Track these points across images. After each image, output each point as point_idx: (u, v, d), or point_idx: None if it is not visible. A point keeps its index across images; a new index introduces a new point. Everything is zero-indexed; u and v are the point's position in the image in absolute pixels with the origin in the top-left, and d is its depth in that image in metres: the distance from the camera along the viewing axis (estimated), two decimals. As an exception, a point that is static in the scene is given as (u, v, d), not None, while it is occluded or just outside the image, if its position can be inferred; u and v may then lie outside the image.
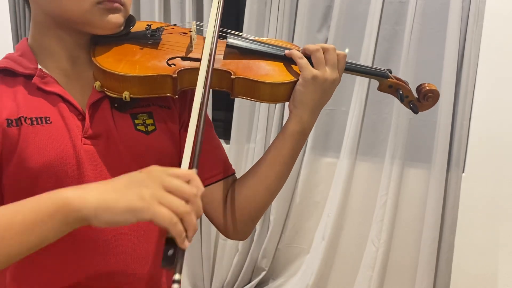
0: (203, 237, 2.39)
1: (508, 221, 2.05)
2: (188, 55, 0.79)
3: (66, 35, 0.75)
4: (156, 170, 0.58)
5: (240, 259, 2.38)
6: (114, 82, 0.73)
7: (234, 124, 2.31)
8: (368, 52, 2.09)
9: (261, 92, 0.78)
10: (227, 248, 2.40)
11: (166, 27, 0.85)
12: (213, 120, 2.36)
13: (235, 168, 0.91)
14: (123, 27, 0.78)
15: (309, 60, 0.80)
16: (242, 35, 0.84)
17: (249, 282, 2.41)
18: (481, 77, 2.02)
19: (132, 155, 0.77)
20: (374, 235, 2.17)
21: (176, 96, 0.76)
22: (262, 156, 0.86)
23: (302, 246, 2.36)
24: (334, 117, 2.24)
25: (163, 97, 0.76)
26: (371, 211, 2.20)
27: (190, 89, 0.78)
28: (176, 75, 0.74)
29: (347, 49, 2.22)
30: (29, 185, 0.70)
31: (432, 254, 2.07)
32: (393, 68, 2.06)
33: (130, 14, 0.80)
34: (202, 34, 0.86)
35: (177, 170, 0.58)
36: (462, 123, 2.02)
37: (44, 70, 0.74)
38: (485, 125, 2.04)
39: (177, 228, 0.54)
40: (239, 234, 0.89)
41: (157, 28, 0.83)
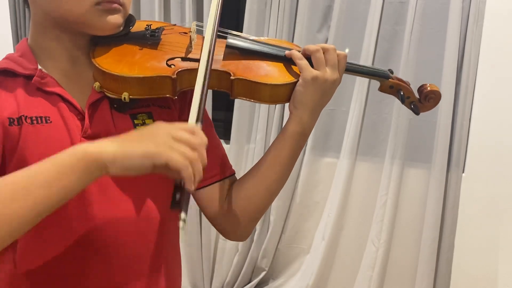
0: (203, 237, 2.39)
1: (508, 221, 2.05)
2: (187, 56, 0.78)
3: (66, 35, 0.75)
4: (163, 124, 0.64)
5: (240, 259, 2.38)
6: (113, 82, 0.73)
7: (234, 124, 2.31)
8: (368, 52, 2.09)
9: (260, 93, 0.78)
10: (227, 248, 2.40)
11: (166, 27, 0.85)
12: (213, 120, 2.36)
13: (235, 168, 0.91)
14: (123, 27, 0.77)
15: (309, 60, 0.79)
16: (242, 35, 0.84)
17: (249, 282, 2.41)
18: (481, 77, 2.02)
19: (132, 155, 0.77)
20: (374, 235, 2.17)
21: (175, 97, 0.76)
22: (262, 157, 0.85)
23: (302, 246, 2.36)
24: (334, 117, 2.24)
25: (163, 97, 0.76)
26: (371, 211, 2.20)
27: (189, 90, 0.77)
28: (175, 76, 0.73)
29: (347, 49, 2.20)
30: None
31: (432, 254, 2.07)
32: (393, 68, 2.07)
33: (130, 14, 0.79)
34: (202, 34, 0.86)
35: (183, 124, 0.65)
36: (462, 123, 2.02)
37: (43, 71, 0.73)
38: (485, 125, 2.04)
39: (189, 171, 0.60)
40: (238, 235, 0.89)
41: (156, 28, 0.82)
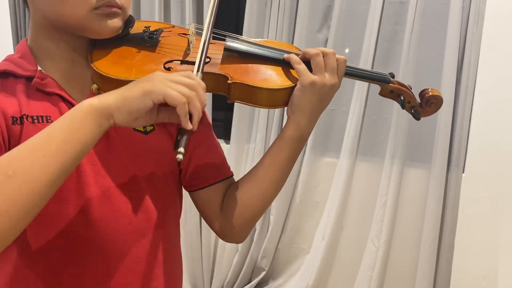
0: (203, 237, 2.40)
1: (508, 221, 2.05)
2: (185, 59, 0.78)
3: (65, 37, 0.75)
4: (159, 72, 0.66)
5: (240, 259, 2.38)
6: (111, 85, 0.72)
7: (234, 124, 2.31)
8: (368, 52, 2.09)
9: (258, 97, 0.77)
10: (227, 248, 2.40)
11: (165, 29, 0.84)
12: (213, 120, 2.36)
13: (235, 168, 0.91)
14: (122, 29, 0.77)
15: (308, 64, 0.78)
16: (241, 37, 0.83)
17: (249, 282, 2.41)
18: (481, 77, 2.02)
19: (131, 154, 0.77)
20: (374, 235, 2.17)
21: None
22: (260, 160, 0.85)
23: (302, 246, 2.36)
24: (334, 117, 2.24)
25: None
26: (371, 211, 2.20)
27: None
28: None
29: (347, 49, 2.22)
30: None
31: (432, 254, 2.07)
32: (393, 68, 2.10)
33: (129, 15, 0.79)
34: (201, 36, 0.86)
35: (180, 72, 0.67)
36: (462, 123, 2.02)
37: (43, 72, 0.73)
38: (485, 125, 2.04)
39: (185, 107, 0.62)
40: (235, 237, 0.89)
41: (155, 30, 0.82)
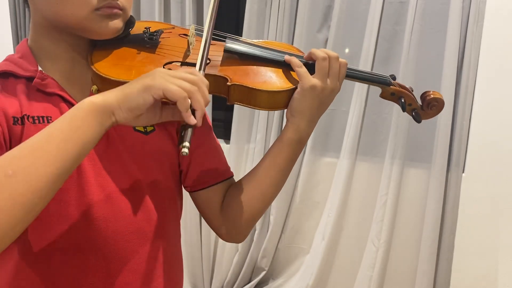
0: (203, 237, 2.40)
1: (508, 221, 2.05)
2: (185, 60, 0.78)
3: (65, 37, 0.75)
4: (161, 68, 0.65)
5: (240, 259, 2.38)
6: (110, 87, 0.72)
7: (234, 124, 2.31)
8: (368, 52, 2.09)
9: (258, 99, 0.77)
10: (227, 248, 2.40)
11: (165, 29, 0.84)
12: (213, 120, 2.36)
13: (235, 168, 0.92)
14: (122, 30, 0.77)
15: (308, 66, 0.78)
16: (242, 39, 0.83)
17: (249, 282, 2.41)
18: (481, 77, 2.01)
19: (131, 155, 0.77)
20: (374, 235, 2.17)
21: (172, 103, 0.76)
22: (259, 162, 0.85)
23: (302, 246, 2.36)
24: (334, 117, 2.24)
25: None
26: (371, 211, 2.20)
27: None
28: None
29: (347, 49, 2.22)
30: None
31: (432, 254, 2.07)
32: (393, 68, 2.10)
33: (130, 15, 0.79)
34: (201, 37, 0.86)
35: (182, 68, 0.67)
36: (462, 123, 2.02)
37: (44, 72, 0.73)
38: (485, 125, 2.04)
39: (186, 101, 0.61)
40: (235, 237, 0.89)
41: (155, 31, 0.82)
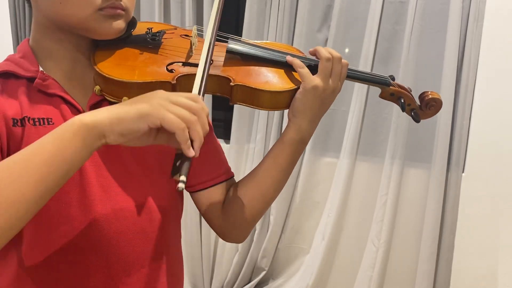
0: (203, 237, 2.40)
1: (508, 221, 2.06)
2: (188, 60, 0.78)
3: (67, 37, 0.74)
4: (162, 90, 0.62)
5: (240, 259, 2.38)
6: (113, 87, 0.72)
7: (234, 124, 2.31)
8: (368, 52, 2.09)
9: (260, 99, 0.78)
10: (227, 248, 2.40)
11: (167, 30, 0.84)
12: (213, 120, 2.36)
13: (235, 168, 0.92)
14: (125, 30, 0.77)
15: (309, 66, 0.79)
16: (243, 39, 0.83)
17: (249, 282, 2.41)
18: (481, 77, 2.02)
19: (133, 155, 0.77)
20: (374, 235, 2.17)
21: None
22: (260, 162, 0.85)
23: (302, 246, 2.36)
24: (334, 117, 2.24)
25: None
26: (371, 211, 2.20)
27: None
28: (175, 81, 0.73)
29: (347, 49, 2.22)
30: None
31: (432, 254, 2.07)
32: (393, 68, 2.10)
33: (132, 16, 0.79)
34: (203, 38, 0.86)
35: (183, 93, 0.62)
36: (462, 123, 2.02)
37: (45, 73, 0.73)
38: (485, 125, 2.04)
39: (184, 133, 0.57)
40: (235, 237, 0.90)
41: (157, 32, 0.82)
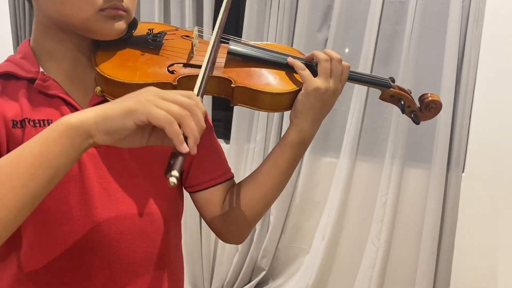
0: (203, 237, 2.40)
1: (508, 221, 2.06)
2: (189, 62, 0.78)
3: (68, 38, 0.74)
4: (153, 88, 0.59)
5: (240, 259, 2.38)
6: (115, 88, 0.72)
7: (234, 124, 2.31)
8: (368, 52, 2.09)
9: (261, 101, 0.78)
10: (227, 248, 2.40)
11: (169, 31, 0.84)
12: (213, 120, 2.35)
13: (235, 168, 0.92)
14: (126, 31, 0.77)
15: (311, 68, 0.79)
16: (245, 41, 0.83)
17: (249, 282, 2.41)
18: (481, 76, 2.02)
19: (133, 155, 0.77)
20: (374, 235, 2.17)
21: None
22: (261, 164, 0.85)
23: (302, 246, 2.36)
24: (334, 117, 2.24)
25: None
26: (371, 211, 2.20)
27: None
28: (176, 82, 0.73)
29: (347, 49, 2.22)
30: None
31: (432, 254, 2.07)
32: (393, 68, 2.10)
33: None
34: (204, 39, 0.86)
35: (177, 90, 0.59)
36: (462, 123, 2.02)
37: (46, 73, 0.73)
38: (485, 125, 2.04)
39: (173, 127, 0.54)
40: (234, 238, 0.89)
41: (158, 33, 0.82)
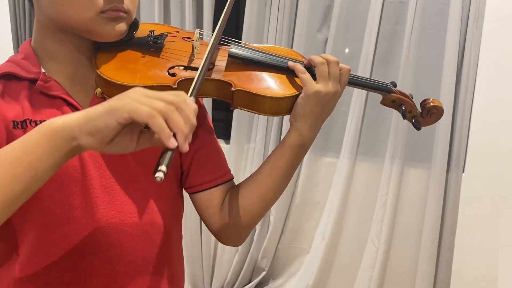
0: (203, 237, 2.40)
1: (508, 221, 2.06)
2: (189, 64, 0.78)
3: (69, 39, 0.74)
4: (139, 88, 0.57)
5: (240, 259, 2.38)
6: (115, 90, 0.72)
7: (234, 124, 2.31)
8: (368, 52, 2.09)
9: (261, 105, 0.78)
10: (227, 248, 2.40)
11: (170, 33, 0.84)
12: (213, 120, 2.34)
13: (235, 168, 0.91)
14: (127, 33, 0.77)
15: (311, 72, 0.79)
16: (245, 44, 0.83)
17: (249, 282, 2.41)
18: (481, 77, 2.02)
19: (134, 156, 0.77)
20: (374, 235, 2.17)
21: None
22: (260, 165, 0.85)
23: (302, 246, 2.36)
24: (334, 117, 2.24)
25: None
26: (371, 211, 2.20)
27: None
28: (176, 85, 0.73)
29: (347, 49, 2.22)
30: None
31: (432, 254, 2.07)
32: (393, 68, 2.10)
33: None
34: (204, 40, 0.86)
35: (167, 91, 0.57)
36: (462, 123, 2.02)
37: (47, 74, 0.73)
38: (485, 125, 2.05)
39: (157, 120, 0.52)
40: (233, 240, 0.89)
41: (159, 35, 0.82)
